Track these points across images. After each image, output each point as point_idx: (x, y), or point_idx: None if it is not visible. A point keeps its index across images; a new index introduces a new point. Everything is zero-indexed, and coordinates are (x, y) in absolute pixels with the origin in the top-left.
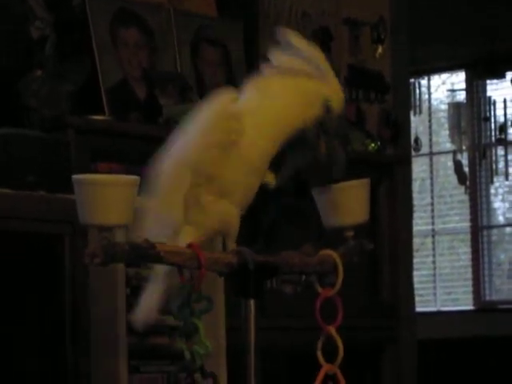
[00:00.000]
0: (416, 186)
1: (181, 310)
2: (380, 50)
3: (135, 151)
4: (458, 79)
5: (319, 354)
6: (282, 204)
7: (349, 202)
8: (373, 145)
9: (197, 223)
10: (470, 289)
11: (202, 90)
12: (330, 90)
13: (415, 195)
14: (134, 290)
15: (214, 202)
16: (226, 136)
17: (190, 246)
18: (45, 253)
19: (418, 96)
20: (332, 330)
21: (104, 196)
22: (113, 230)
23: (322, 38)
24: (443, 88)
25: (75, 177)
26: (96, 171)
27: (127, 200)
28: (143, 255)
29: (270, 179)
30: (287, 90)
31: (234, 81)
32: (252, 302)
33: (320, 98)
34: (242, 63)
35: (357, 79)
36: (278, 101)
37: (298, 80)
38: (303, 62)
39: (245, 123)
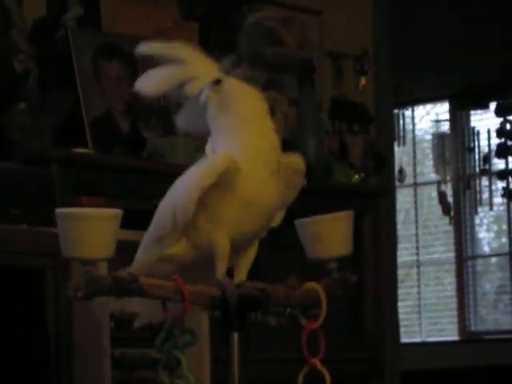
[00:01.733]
0: (401, 217)
1: (164, 343)
2: (363, 81)
3: (119, 184)
4: (442, 110)
5: None
6: (266, 236)
7: (332, 234)
8: (356, 176)
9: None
10: (456, 319)
11: None
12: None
13: (400, 226)
14: (118, 323)
15: (204, 227)
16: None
17: (173, 279)
18: (27, 286)
19: (402, 127)
20: (317, 362)
21: (87, 229)
22: (96, 264)
23: (305, 70)
24: (427, 118)
25: (58, 210)
26: (79, 204)
27: (110, 233)
28: (126, 288)
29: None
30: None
31: None
32: (236, 335)
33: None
34: None
35: (340, 111)
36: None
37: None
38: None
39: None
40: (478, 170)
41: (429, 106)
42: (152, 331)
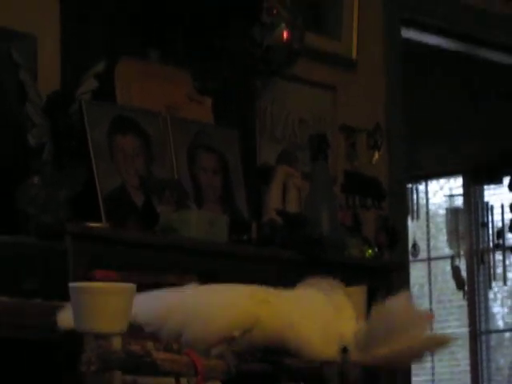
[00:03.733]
0: (414, 291)
1: None
2: (376, 156)
3: (132, 258)
4: (456, 184)
5: None
6: None
7: None
8: (370, 251)
9: None
10: None
11: (199, 197)
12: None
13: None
14: None
15: None
16: None
17: (186, 353)
18: (41, 361)
19: (415, 201)
20: None
21: (100, 304)
22: (109, 338)
23: (319, 144)
24: (441, 193)
25: (72, 284)
26: (93, 278)
27: (124, 308)
28: (139, 363)
29: None
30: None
31: (231, 188)
32: None
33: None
34: (239, 171)
35: (353, 186)
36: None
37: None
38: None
39: None
40: (491, 244)
41: (442, 181)
42: None
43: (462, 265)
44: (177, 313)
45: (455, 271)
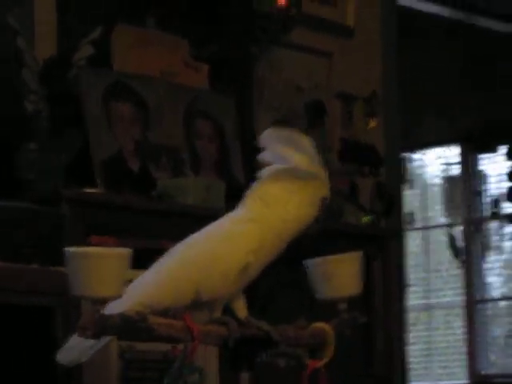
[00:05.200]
0: (410, 261)
1: (173, 383)
2: (373, 123)
3: (128, 224)
4: (452, 153)
5: None
6: (276, 275)
7: (342, 275)
8: (366, 218)
9: None
10: (465, 363)
11: (195, 164)
12: (325, 187)
13: (409, 269)
14: (128, 362)
15: None
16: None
17: (183, 318)
18: (37, 325)
19: (411, 170)
20: None
21: (96, 268)
22: (105, 303)
23: (315, 112)
24: (437, 162)
25: (68, 249)
26: (89, 244)
27: (119, 272)
28: (135, 328)
29: None
30: (290, 196)
31: (227, 154)
32: (245, 375)
33: (320, 195)
34: (235, 136)
35: (350, 153)
36: (282, 208)
37: (298, 184)
38: (301, 158)
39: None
40: (487, 213)
41: (439, 150)
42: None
43: (458, 234)
44: (185, 274)
45: (451, 240)
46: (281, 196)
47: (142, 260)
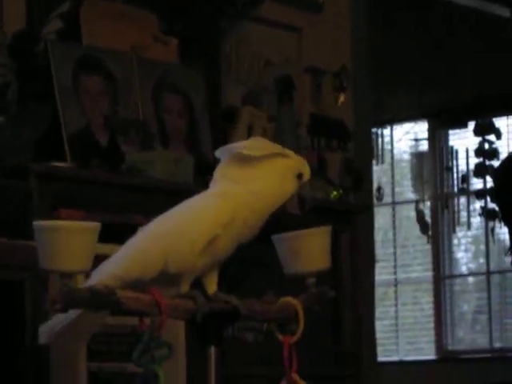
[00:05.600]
0: (379, 236)
1: (141, 357)
2: (342, 98)
3: (97, 198)
4: (421, 129)
5: None
6: (245, 251)
7: (310, 250)
8: (335, 193)
9: None
10: (433, 338)
11: (164, 138)
12: (298, 162)
13: (378, 245)
14: (95, 336)
15: None
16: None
17: (150, 292)
18: (5, 299)
19: (380, 145)
20: (296, 377)
21: (65, 242)
22: (73, 276)
23: (284, 86)
24: (406, 138)
25: (36, 223)
26: (58, 218)
27: (88, 246)
28: (103, 302)
29: None
30: (265, 173)
31: (196, 128)
32: (213, 350)
33: (293, 170)
34: (204, 111)
35: (319, 127)
36: (252, 184)
37: (275, 160)
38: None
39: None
40: (456, 189)
41: (408, 126)
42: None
43: (426, 210)
44: (154, 246)
45: (419, 215)
46: (247, 173)
47: (111, 234)
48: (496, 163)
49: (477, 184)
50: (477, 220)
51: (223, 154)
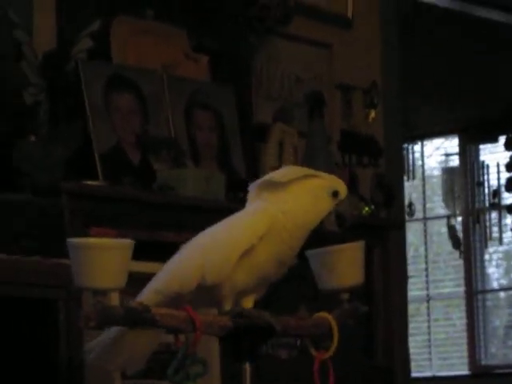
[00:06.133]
0: (411, 252)
1: (176, 374)
2: (373, 114)
3: (129, 216)
4: (452, 144)
5: None
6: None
7: (344, 265)
8: (366, 209)
9: None
10: (466, 353)
11: (195, 155)
12: (332, 181)
13: (409, 261)
14: None
15: None
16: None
17: (184, 309)
18: (39, 318)
19: (411, 161)
20: None
21: (99, 260)
22: (107, 294)
23: (315, 103)
24: (436, 153)
25: (70, 240)
26: (89, 236)
27: (122, 264)
28: (138, 319)
29: None
30: (297, 193)
31: (227, 146)
32: (247, 366)
33: (326, 189)
34: (235, 128)
35: (349, 144)
36: (289, 205)
37: (305, 181)
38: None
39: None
40: (487, 204)
41: (438, 141)
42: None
43: (458, 225)
44: (191, 259)
45: (451, 230)
46: (278, 196)
47: (143, 252)
48: None
49: (508, 199)
50: (508, 235)
51: (255, 185)
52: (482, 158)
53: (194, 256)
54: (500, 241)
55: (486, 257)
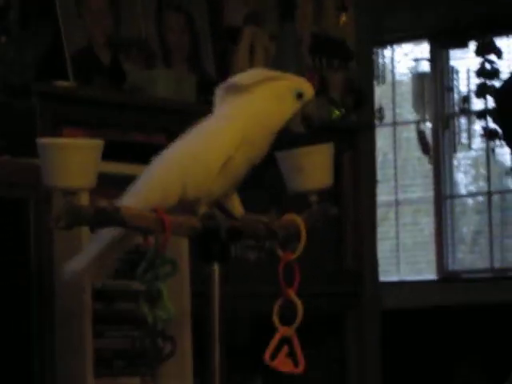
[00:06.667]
0: (379, 157)
1: (145, 274)
2: (344, 18)
3: (99, 117)
4: (421, 50)
5: (275, 317)
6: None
7: (313, 166)
8: (337, 112)
9: None
10: (433, 258)
11: (166, 57)
12: (297, 83)
13: (379, 166)
14: None
15: None
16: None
17: (154, 210)
18: (10, 217)
19: (381, 66)
20: (291, 292)
21: (68, 159)
22: (77, 194)
23: (286, 6)
24: (407, 59)
25: (40, 140)
26: (60, 136)
27: (91, 164)
28: (108, 219)
29: None
30: (262, 95)
31: (198, 48)
32: (216, 267)
33: (291, 91)
34: (206, 30)
35: (320, 47)
36: (255, 107)
37: (269, 84)
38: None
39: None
40: (457, 109)
41: (408, 46)
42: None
43: (427, 130)
44: (171, 173)
45: (421, 136)
46: (244, 99)
47: (113, 152)
48: (497, 83)
49: (478, 104)
50: (477, 141)
51: (221, 88)
52: (451, 63)
53: (173, 170)
54: (469, 146)
55: (455, 162)
